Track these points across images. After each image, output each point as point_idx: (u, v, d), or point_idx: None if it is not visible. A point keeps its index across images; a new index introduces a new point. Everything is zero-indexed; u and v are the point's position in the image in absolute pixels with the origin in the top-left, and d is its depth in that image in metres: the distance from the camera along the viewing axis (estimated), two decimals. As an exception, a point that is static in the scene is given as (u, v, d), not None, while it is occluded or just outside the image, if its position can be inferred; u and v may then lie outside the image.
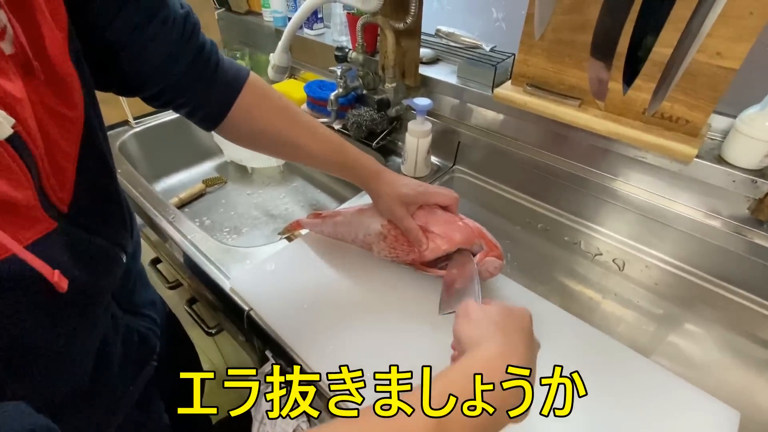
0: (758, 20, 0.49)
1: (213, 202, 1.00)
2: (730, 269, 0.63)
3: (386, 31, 0.81)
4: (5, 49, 0.26)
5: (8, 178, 0.26)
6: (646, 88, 0.59)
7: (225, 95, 0.48)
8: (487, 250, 0.55)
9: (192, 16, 0.44)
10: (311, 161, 0.56)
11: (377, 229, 0.58)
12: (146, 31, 0.39)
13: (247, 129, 0.52)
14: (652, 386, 0.48)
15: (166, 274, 0.83)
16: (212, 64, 0.46)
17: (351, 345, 0.52)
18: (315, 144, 0.54)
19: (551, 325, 0.55)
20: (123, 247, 0.40)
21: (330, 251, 0.65)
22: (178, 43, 0.42)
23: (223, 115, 0.49)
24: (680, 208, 0.66)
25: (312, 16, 1.08)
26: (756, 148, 0.56)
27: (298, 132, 0.53)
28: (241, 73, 0.50)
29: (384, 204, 0.55)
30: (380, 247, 0.58)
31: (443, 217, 0.56)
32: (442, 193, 0.56)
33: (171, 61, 0.43)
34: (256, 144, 0.54)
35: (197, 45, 0.45)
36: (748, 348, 0.56)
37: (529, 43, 0.68)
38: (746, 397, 0.50)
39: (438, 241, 0.54)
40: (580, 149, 0.72)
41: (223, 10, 1.31)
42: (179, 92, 0.46)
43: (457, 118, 0.87)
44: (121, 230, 0.40)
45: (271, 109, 0.52)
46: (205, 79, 0.46)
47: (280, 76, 0.92)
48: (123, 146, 0.98)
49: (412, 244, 0.55)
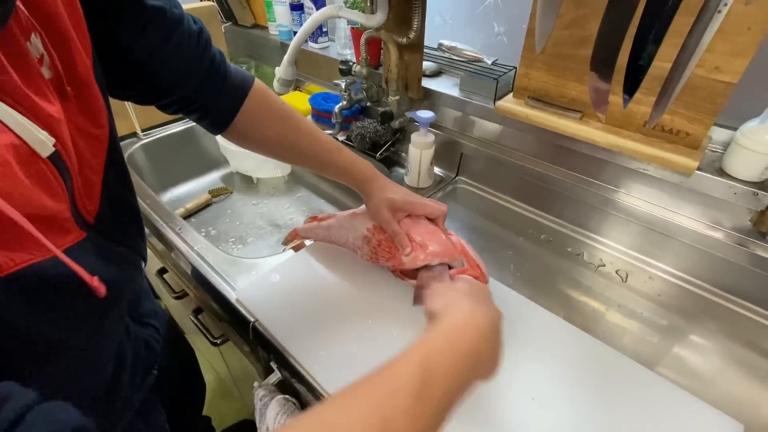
0: (755, 36, 0.50)
1: (219, 212, 1.01)
2: (734, 281, 0.63)
3: (389, 45, 0.83)
4: (45, 74, 0.28)
5: (49, 192, 0.28)
6: (646, 101, 0.60)
7: (232, 101, 0.52)
8: (466, 268, 0.54)
9: (205, 31, 0.48)
10: (311, 163, 0.58)
11: (363, 232, 0.59)
12: (166, 48, 0.42)
13: (252, 133, 0.54)
14: (655, 398, 0.48)
15: (172, 284, 0.84)
16: (222, 72, 0.50)
17: (356, 356, 0.52)
18: (315, 147, 0.56)
19: (555, 337, 0.55)
20: (141, 255, 0.42)
21: (335, 261, 0.65)
22: (195, 57, 0.46)
23: (231, 119, 0.52)
24: (682, 219, 0.66)
25: (317, 30, 1.10)
26: (756, 161, 0.57)
27: (300, 135, 0.56)
28: (247, 79, 0.53)
29: (373, 206, 0.57)
30: (363, 250, 0.59)
31: (427, 227, 0.56)
32: (430, 205, 0.57)
33: (189, 73, 0.46)
34: (260, 146, 0.57)
35: (210, 57, 0.48)
36: (752, 359, 0.56)
37: (530, 56, 0.69)
38: (750, 409, 0.50)
39: (418, 249, 0.54)
40: (582, 161, 0.73)
41: (229, 23, 1.34)
42: (193, 100, 0.49)
43: (459, 130, 0.88)
44: (138, 238, 0.42)
45: (275, 113, 0.55)
46: (216, 87, 0.50)
47: (285, 89, 0.93)
48: (131, 158, 1.00)
49: (392, 251, 0.56)
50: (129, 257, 0.40)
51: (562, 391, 0.49)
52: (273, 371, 0.59)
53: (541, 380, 0.50)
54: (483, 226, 0.79)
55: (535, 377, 0.50)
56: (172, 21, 0.42)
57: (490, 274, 0.64)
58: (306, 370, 0.51)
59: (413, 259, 0.55)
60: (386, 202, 0.56)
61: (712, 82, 0.55)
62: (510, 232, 0.77)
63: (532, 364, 0.52)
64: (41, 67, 0.28)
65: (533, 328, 0.56)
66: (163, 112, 0.51)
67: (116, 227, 0.38)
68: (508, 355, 0.53)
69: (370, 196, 0.57)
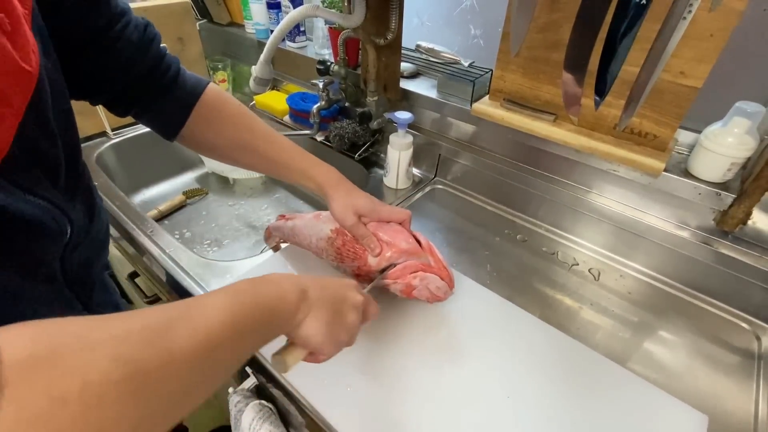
0: (718, 42, 0.52)
1: (194, 214, 0.99)
2: (700, 278, 0.66)
3: (367, 45, 0.82)
4: None
5: None
6: (616, 104, 0.62)
7: (183, 104, 0.51)
8: (433, 266, 0.54)
9: (151, 27, 0.48)
10: (271, 167, 0.57)
11: (327, 234, 0.58)
12: (110, 32, 0.43)
13: (206, 136, 0.54)
14: (625, 393, 0.50)
15: (144, 289, 0.81)
16: (171, 73, 0.50)
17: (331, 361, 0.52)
18: (274, 150, 0.56)
19: (530, 336, 0.56)
20: (66, 215, 0.39)
21: (310, 263, 0.65)
22: (138, 48, 0.46)
23: (182, 123, 0.52)
24: (651, 219, 0.68)
25: (294, 29, 1.09)
26: (719, 163, 0.59)
27: (257, 138, 0.55)
28: (200, 83, 0.53)
29: (338, 210, 0.55)
30: (328, 252, 0.58)
31: (393, 227, 0.56)
32: (396, 210, 0.57)
33: (130, 63, 0.46)
34: (215, 151, 0.56)
35: (157, 53, 0.48)
36: (717, 354, 0.58)
37: (505, 60, 0.70)
38: (715, 401, 0.52)
39: (384, 247, 0.54)
40: (556, 162, 0.74)
41: (205, 21, 1.31)
42: (137, 98, 0.49)
43: (437, 132, 0.88)
44: (56, 193, 0.38)
45: (229, 116, 0.54)
46: (163, 88, 0.49)
47: (261, 88, 0.92)
48: (100, 158, 0.96)
49: (357, 251, 0.55)
50: (42, 207, 0.36)
51: (537, 389, 0.50)
52: (248, 376, 0.58)
53: (516, 379, 0.51)
54: (461, 226, 0.80)
55: (510, 376, 0.51)
56: (117, 9, 0.43)
57: (468, 273, 0.65)
58: (281, 374, 0.51)
59: (380, 259, 0.54)
60: (352, 207, 0.54)
61: (677, 86, 0.56)
62: (487, 232, 0.78)
63: (507, 363, 0.53)
64: None
65: (509, 327, 0.57)
66: (113, 113, 0.50)
67: (26, 174, 0.35)
68: (484, 354, 0.53)
69: (335, 200, 0.55)
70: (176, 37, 1.08)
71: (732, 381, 0.55)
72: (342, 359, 0.51)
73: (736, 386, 0.54)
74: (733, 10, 0.49)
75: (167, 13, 1.04)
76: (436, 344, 0.55)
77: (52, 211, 0.37)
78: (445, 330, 0.57)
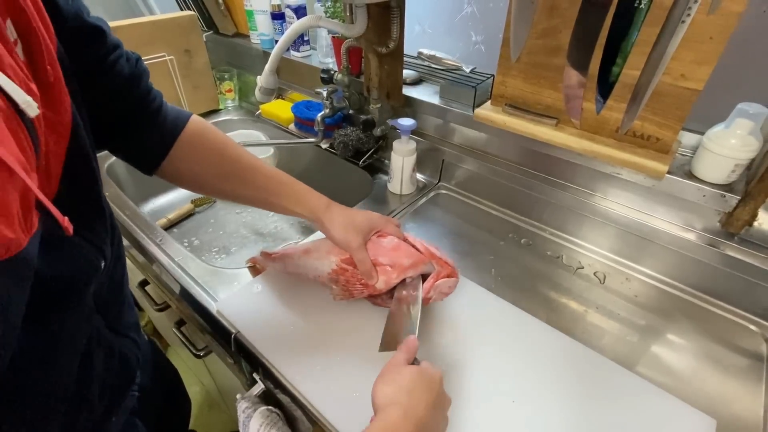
0: (718, 45, 0.52)
1: (202, 222, 1.01)
2: (706, 280, 0.65)
3: (370, 54, 0.84)
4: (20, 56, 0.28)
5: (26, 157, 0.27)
6: (618, 108, 0.62)
7: (166, 134, 0.50)
8: (438, 271, 0.55)
9: (141, 62, 0.48)
10: (259, 195, 0.55)
11: (327, 272, 0.56)
12: (105, 63, 0.43)
13: (190, 166, 0.52)
14: (632, 397, 0.50)
15: (154, 296, 0.83)
16: (156, 105, 0.49)
17: (339, 366, 0.52)
18: (261, 178, 0.54)
19: (536, 340, 0.56)
20: (101, 251, 0.40)
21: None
22: (129, 80, 0.46)
23: (163, 155, 0.50)
24: (656, 222, 0.68)
25: (298, 39, 1.11)
26: (723, 164, 0.59)
27: (244, 167, 0.54)
28: (183, 114, 0.52)
29: (339, 233, 0.54)
30: (334, 291, 0.57)
31: (389, 245, 0.55)
32: (387, 218, 0.58)
33: (121, 96, 0.46)
34: (199, 181, 0.54)
35: (146, 86, 0.48)
36: (725, 356, 0.57)
37: (506, 65, 0.70)
38: (723, 405, 0.51)
39: (388, 271, 0.54)
40: (559, 166, 0.75)
41: (211, 32, 1.33)
42: (121, 131, 0.48)
43: (440, 137, 0.89)
44: (101, 233, 0.40)
45: (214, 145, 0.53)
46: (147, 120, 0.49)
47: (267, 98, 0.93)
48: (111, 169, 0.98)
49: (364, 282, 0.54)
50: (84, 249, 0.37)
51: (543, 394, 0.50)
52: (256, 382, 0.59)
53: (521, 383, 0.51)
54: (465, 231, 0.80)
55: (516, 380, 0.51)
56: (111, 44, 0.43)
57: (472, 278, 0.65)
58: (288, 380, 0.51)
59: (386, 282, 0.54)
60: (353, 226, 0.54)
61: (678, 89, 0.57)
62: (491, 236, 0.78)
63: (513, 367, 0.53)
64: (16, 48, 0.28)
65: (514, 331, 0.57)
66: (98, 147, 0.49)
67: (73, 216, 0.36)
68: (490, 359, 0.54)
69: (332, 222, 0.54)
70: (183, 49, 1.10)
71: (740, 384, 0.54)
72: (349, 365, 0.52)
73: (745, 389, 0.54)
74: (732, 12, 0.50)
75: (174, 25, 1.06)
76: (441, 349, 0.55)
77: (90, 250, 0.38)
78: (450, 334, 0.57)
